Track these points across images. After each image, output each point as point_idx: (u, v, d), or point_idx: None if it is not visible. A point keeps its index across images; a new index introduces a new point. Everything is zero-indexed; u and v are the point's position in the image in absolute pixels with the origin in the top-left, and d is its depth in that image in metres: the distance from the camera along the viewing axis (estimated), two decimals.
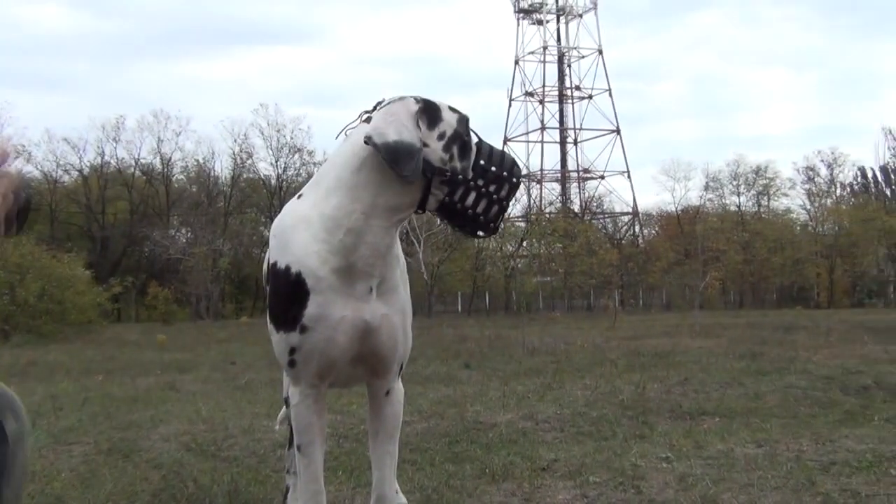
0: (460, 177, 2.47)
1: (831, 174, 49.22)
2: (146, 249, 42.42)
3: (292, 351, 2.58)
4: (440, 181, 2.47)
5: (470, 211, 2.50)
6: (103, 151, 42.95)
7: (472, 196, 2.49)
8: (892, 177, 51.87)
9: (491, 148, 2.56)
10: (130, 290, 33.68)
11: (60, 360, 13.34)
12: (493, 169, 2.50)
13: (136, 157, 43.91)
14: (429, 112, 2.48)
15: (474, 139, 2.53)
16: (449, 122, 2.49)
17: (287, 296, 2.55)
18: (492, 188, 2.50)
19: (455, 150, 2.48)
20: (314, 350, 2.55)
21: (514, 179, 2.52)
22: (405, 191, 2.45)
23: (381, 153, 2.38)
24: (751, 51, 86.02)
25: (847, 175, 50.70)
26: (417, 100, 2.50)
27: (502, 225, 2.64)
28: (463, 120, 2.52)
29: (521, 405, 6.84)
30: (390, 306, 2.60)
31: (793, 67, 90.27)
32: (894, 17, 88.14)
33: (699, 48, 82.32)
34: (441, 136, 2.46)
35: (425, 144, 2.43)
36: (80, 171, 43.16)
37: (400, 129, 2.40)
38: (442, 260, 40.21)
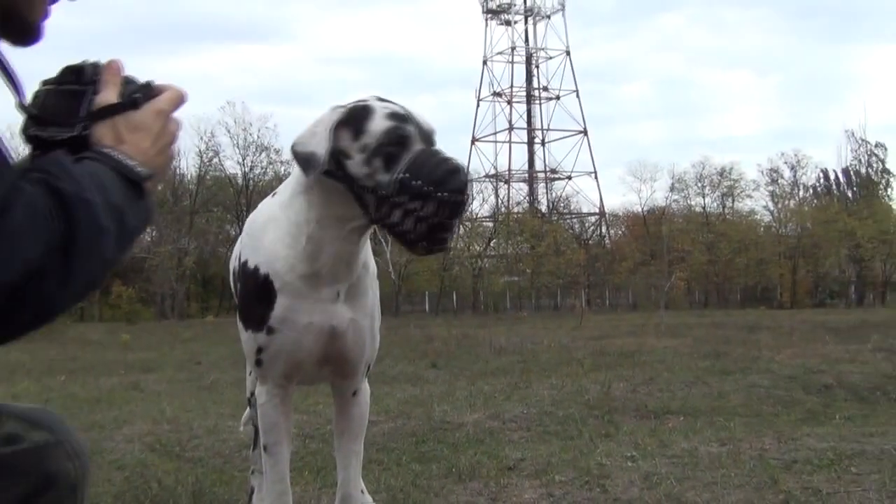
0: (382, 192, 2.30)
1: (794, 176, 50.02)
2: None
3: (259, 350, 2.58)
4: (370, 195, 2.33)
5: (397, 227, 2.32)
6: None
7: (398, 213, 2.29)
8: (854, 179, 52.72)
9: (427, 159, 2.29)
10: None
11: (21, 359, 13.14)
12: (417, 183, 2.25)
13: None
14: (353, 122, 2.34)
15: (416, 148, 2.31)
16: (374, 133, 2.31)
17: (255, 296, 2.56)
18: (414, 205, 2.26)
19: (378, 162, 2.30)
20: (281, 351, 2.56)
21: (441, 195, 2.23)
22: (347, 202, 2.38)
23: (296, 161, 2.38)
24: (716, 53, 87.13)
25: (810, 177, 51.58)
26: (345, 108, 2.38)
27: (446, 244, 2.37)
28: (394, 130, 2.31)
29: (488, 405, 6.85)
30: (357, 311, 2.59)
31: (757, 70, 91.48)
32: (856, 22, 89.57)
33: (665, 51, 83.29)
34: (363, 149, 2.31)
35: (347, 156, 2.33)
36: None
37: (309, 138, 2.33)
38: (410, 260, 40.17)
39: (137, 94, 1.40)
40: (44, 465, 1.45)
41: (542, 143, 55.15)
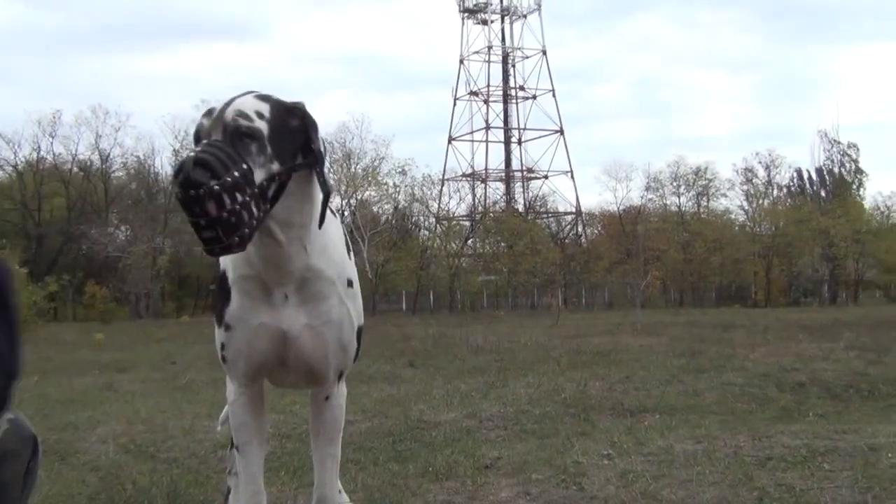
0: None
1: (768, 175, 50.35)
2: (84, 247, 41.53)
3: (222, 347, 2.63)
4: None
5: None
6: (39, 147, 41.91)
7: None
8: (828, 178, 53.22)
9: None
10: (67, 289, 32.92)
11: None
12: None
13: (74, 152, 42.93)
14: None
15: (201, 144, 2.23)
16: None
17: (217, 292, 2.63)
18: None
19: None
20: (238, 350, 2.59)
21: (176, 194, 2.17)
22: None
23: None
24: (690, 53, 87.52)
25: (784, 177, 51.92)
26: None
27: (214, 245, 2.18)
28: (196, 129, 2.30)
29: (465, 403, 6.86)
30: (315, 317, 2.55)
31: (731, 70, 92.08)
32: (828, 23, 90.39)
33: (639, 51, 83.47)
34: None
35: None
36: (15, 166, 42.09)
37: None
38: (387, 259, 40.14)
39: None
40: None
41: (519, 143, 55.20)
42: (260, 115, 2.26)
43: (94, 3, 76.18)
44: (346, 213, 38.16)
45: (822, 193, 52.93)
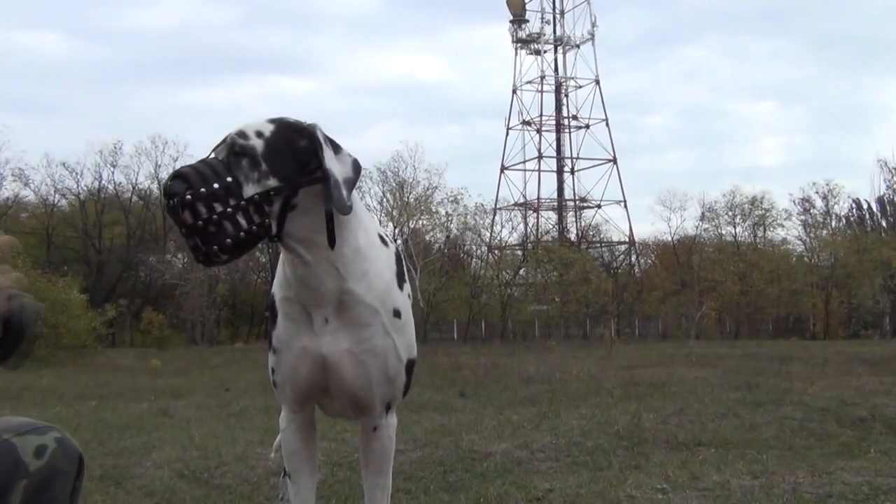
0: None
1: (826, 206, 49.41)
2: (142, 274, 42.36)
3: (272, 371, 2.67)
4: None
5: None
6: (101, 176, 43.05)
7: None
8: (889, 208, 52.06)
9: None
10: (125, 315, 33.59)
11: (53, 385, 13.26)
12: None
13: (134, 182, 43.99)
14: None
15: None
16: None
17: (269, 315, 2.68)
18: None
19: None
20: (284, 375, 2.62)
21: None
22: None
23: None
24: (739, 84, 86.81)
25: (842, 207, 50.92)
26: None
27: (200, 258, 2.30)
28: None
29: (517, 434, 6.80)
30: (356, 343, 2.53)
31: (781, 100, 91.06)
32: (878, 51, 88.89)
33: (688, 81, 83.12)
34: None
35: None
36: (78, 195, 43.19)
37: None
38: (438, 287, 40.20)
39: None
40: None
41: (572, 172, 55.13)
42: (259, 135, 2.34)
43: (149, 38, 78.26)
44: (398, 242, 38.40)
45: (884, 223, 51.77)
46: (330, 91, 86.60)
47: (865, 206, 52.56)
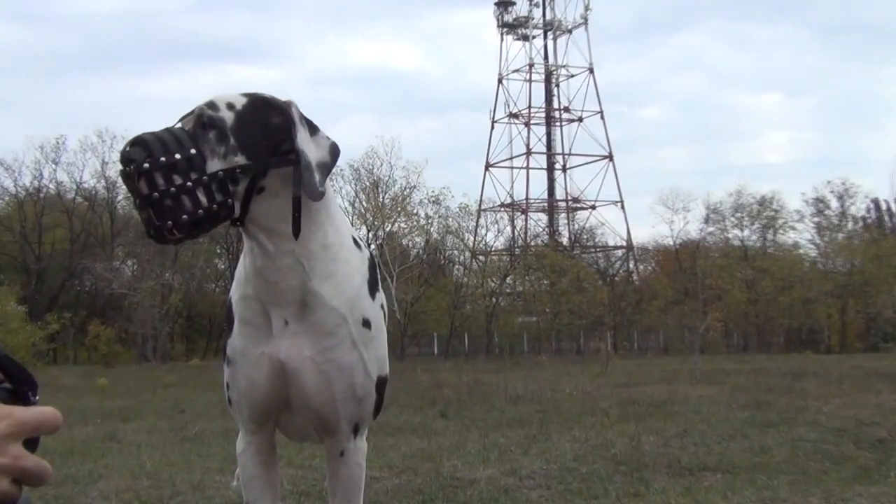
0: None
1: (842, 206, 49.72)
2: (87, 283, 42.15)
3: (227, 386, 2.65)
4: None
5: None
6: (41, 174, 42.76)
7: None
8: None
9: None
10: (69, 329, 33.40)
11: None
12: None
13: (78, 180, 43.70)
14: None
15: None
16: None
17: (227, 325, 2.67)
18: None
19: None
20: (239, 388, 2.60)
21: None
22: None
23: None
24: (742, 74, 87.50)
25: (860, 208, 51.24)
26: None
27: (152, 233, 2.29)
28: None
29: (504, 459, 6.82)
30: (319, 352, 2.51)
31: (787, 92, 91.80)
32: (892, 39, 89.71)
33: (686, 70, 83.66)
34: None
35: None
36: (15, 195, 42.91)
37: None
38: (417, 296, 40.21)
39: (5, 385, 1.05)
40: None
41: (563, 169, 55.29)
42: (230, 107, 2.35)
43: (98, 25, 78.06)
44: (372, 247, 38.40)
45: None
46: (295, 81, 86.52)
47: (885, 207, 53.06)
